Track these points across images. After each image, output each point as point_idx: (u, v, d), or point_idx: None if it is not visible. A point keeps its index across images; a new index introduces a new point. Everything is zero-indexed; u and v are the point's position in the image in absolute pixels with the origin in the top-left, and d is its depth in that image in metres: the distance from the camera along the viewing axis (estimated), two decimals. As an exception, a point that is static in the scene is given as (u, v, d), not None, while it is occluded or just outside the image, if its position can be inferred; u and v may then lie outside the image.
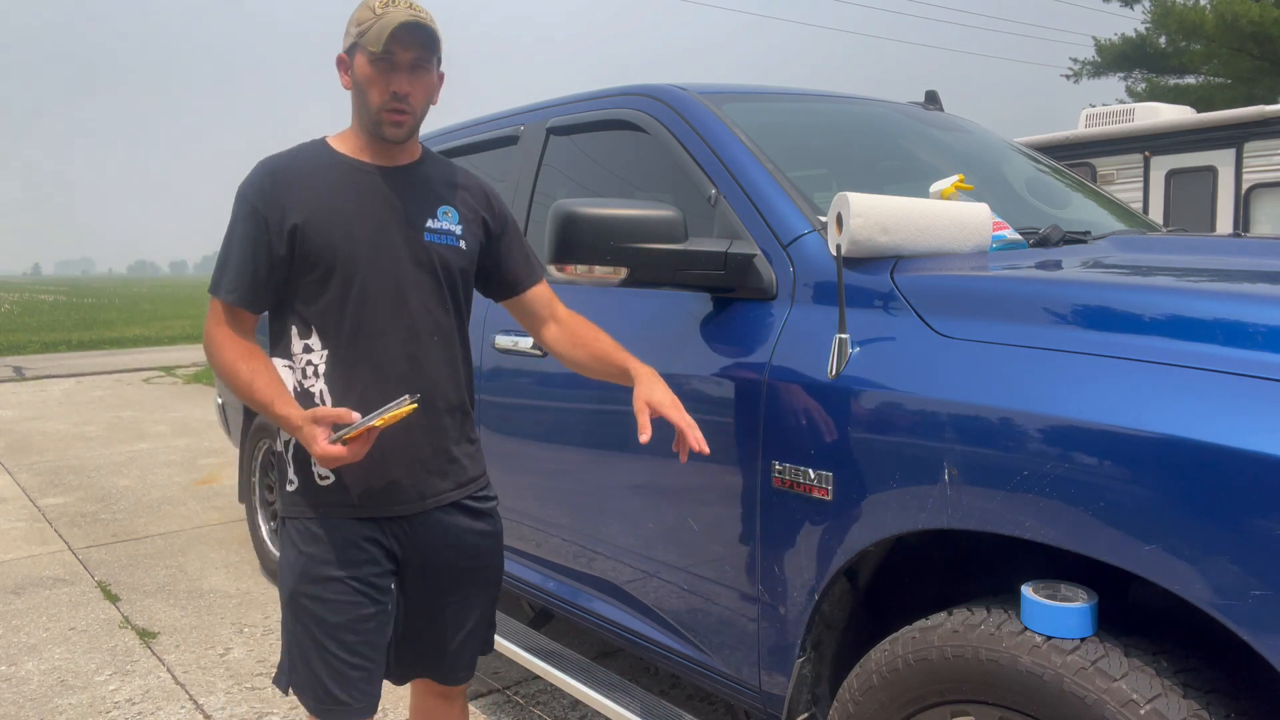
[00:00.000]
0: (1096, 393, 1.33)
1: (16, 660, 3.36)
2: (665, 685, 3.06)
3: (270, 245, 1.70)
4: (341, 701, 1.75)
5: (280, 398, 1.68)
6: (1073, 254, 1.97)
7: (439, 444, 1.81)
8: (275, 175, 1.72)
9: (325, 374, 1.74)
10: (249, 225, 1.71)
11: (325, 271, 1.71)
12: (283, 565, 1.79)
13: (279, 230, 1.70)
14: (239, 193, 1.74)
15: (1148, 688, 1.26)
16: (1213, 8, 16.84)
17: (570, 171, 2.68)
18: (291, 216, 1.70)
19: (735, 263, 1.94)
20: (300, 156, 1.76)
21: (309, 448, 1.63)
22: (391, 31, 1.64)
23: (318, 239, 1.70)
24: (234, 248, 1.73)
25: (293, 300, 1.75)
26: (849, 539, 1.64)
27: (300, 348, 1.75)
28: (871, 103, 2.85)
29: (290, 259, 1.72)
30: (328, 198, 1.72)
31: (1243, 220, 6.79)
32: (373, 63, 1.68)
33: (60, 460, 6.79)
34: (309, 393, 1.75)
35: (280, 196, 1.70)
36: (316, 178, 1.73)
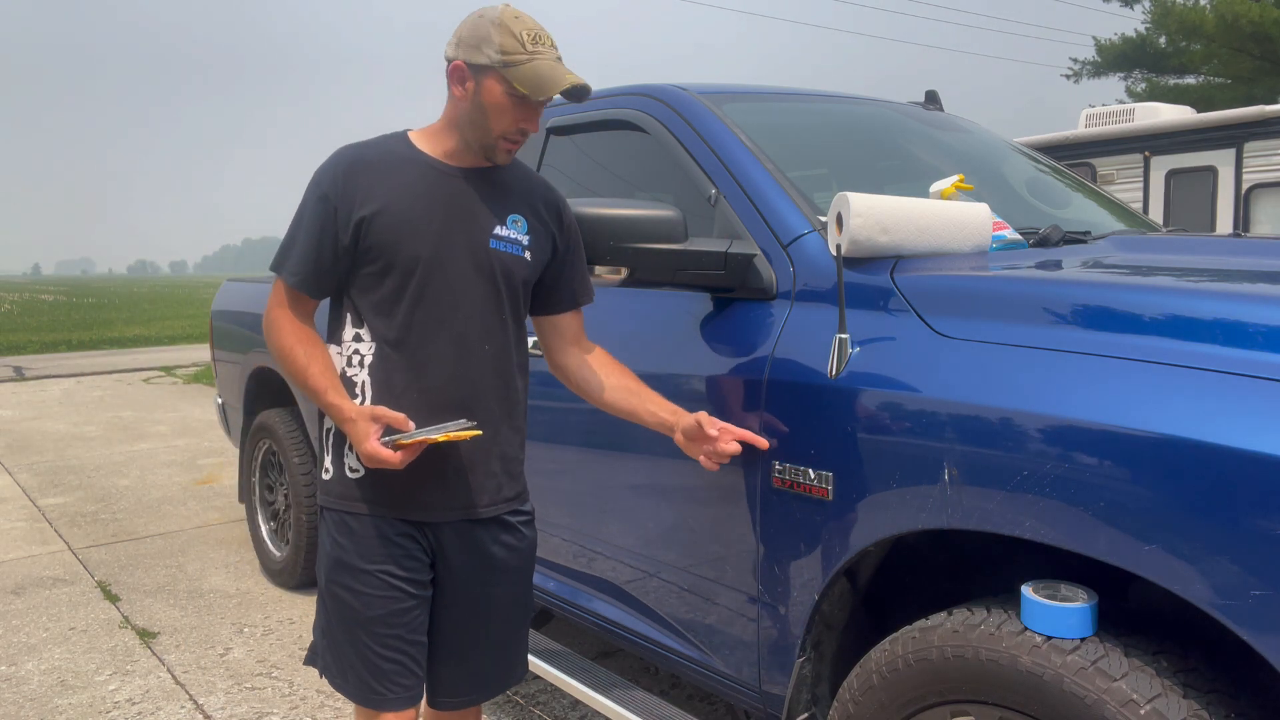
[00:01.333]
0: (1096, 393, 1.33)
1: (16, 660, 3.36)
2: (665, 685, 3.06)
3: (336, 234, 1.71)
4: (377, 692, 1.75)
5: (334, 387, 1.70)
6: (1073, 254, 1.97)
7: (473, 456, 1.77)
8: (351, 165, 1.73)
9: (370, 366, 1.74)
10: (318, 211, 1.72)
11: (384, 267, 1.71)
12: (319, 553, 1.80)
13: (346, 220, 1.71)
14: (315, 176, 1.75)
15: (1148, 688, 1.26)
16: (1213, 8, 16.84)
17: (570, 171, 2.68)
18: (360, 209, 1.70)
19: (735, 263, 1.94)
20: (379, 149, 1.76)
21: (357, 444, 1.65)
22: (562, 90, 1.66)
23: (381, 234, 1.70)
24: (301, 231, 1.74)
25: (351, 289, 1.76)
26: (849, 539, 1.64)
27: (351, 336, 1.76)
28: (871, 103, 2.85)
29: (353, 250, 1.72)
30: (398, 195, 1.72)
31: (1243, 220, 6.79)
32: (511, 96, 1.66)
33: (60, 460, 6.79)
34: (350, 381, 1.75)
35: (352, 187, 1.71)
36: (391, 173, 1.73)
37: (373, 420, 1.64)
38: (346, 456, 1.76)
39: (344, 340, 1.76)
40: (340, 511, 1.76)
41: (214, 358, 4.75)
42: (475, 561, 1.81)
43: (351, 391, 1.74)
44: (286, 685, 3.13)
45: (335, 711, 2.93)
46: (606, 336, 2.25)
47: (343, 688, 1.79)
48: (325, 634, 1.80)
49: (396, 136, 1.80)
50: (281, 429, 3.93)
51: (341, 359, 1.76)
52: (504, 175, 1.82)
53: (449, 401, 1.73)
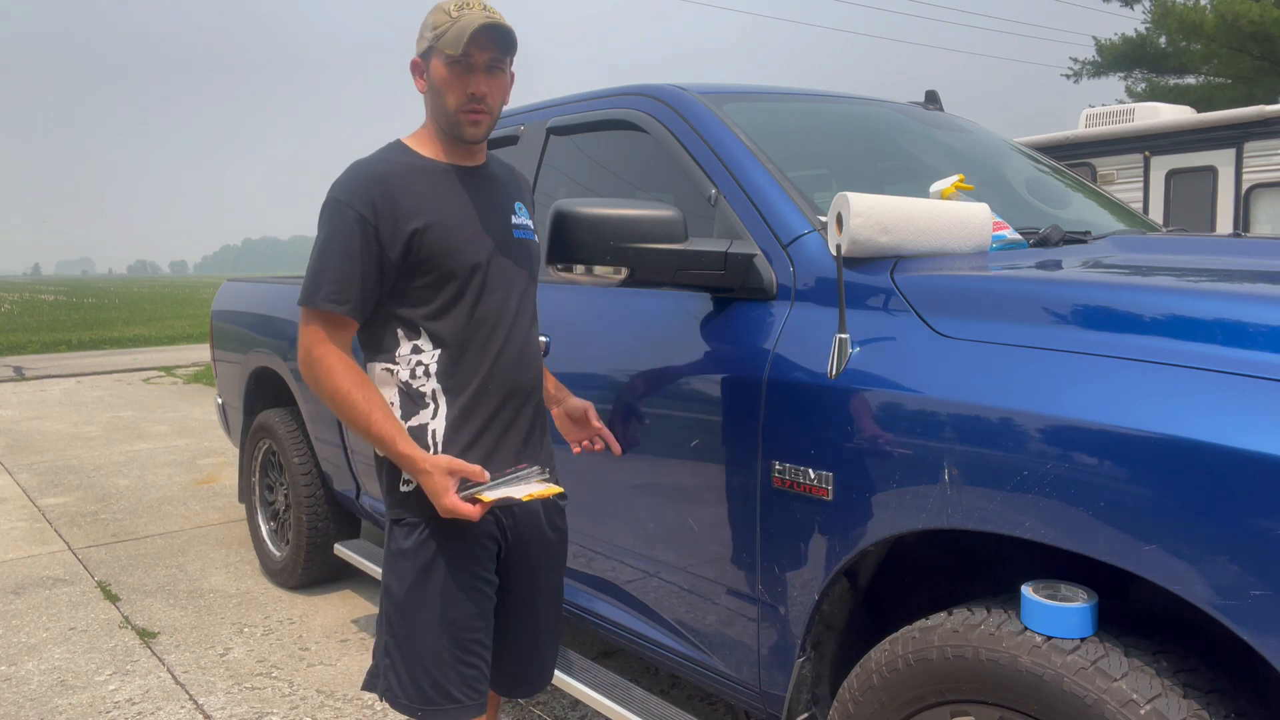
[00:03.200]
0: (1096, 393, 1.33)
1: (16, 660, 3.36)
2: (665, 685, 3.06)
3: (381, 254, 1.69)
4: (456, 700, 1.75)
5: (401, 434, 1.69)
6: (1073, 254, 1.97)
7: (538, 434, 1.88)
8: (380, 183, 1.71)
9: (438, 373, 1.75)
10: (356, 234, 1.68)
11: (442, 275, 1.73)
12: (395, 567, 1.77)
13: (392, 237, 1.69)
14: (336, 201, 1.70)
15: (1148, 688, 1.26)
16: (1213, 8, 16.84)
17: (570, 171, 2.68)
18: (408, 223, 1.70)
19: (735, 263, 1.94)
20: (394, 162, 1.76)
21: (434, 497, 1.66)
22: (471, 34, 1.66)
23: (435, 245, 1.71)
24: (336, 257, 1.69)
25: (397, 304, 1.75)
26: (849, 539, 1.64)
27: (408, 349, 1.76)
28: (871, 103, 2.85)
29: (403, 264, 1.71)
30: (438, 203, 1.74)
31: (1243, 220, 6.79)
32: (450, 65, 1.70)
33: (60, 460, 6.79)
34: (419, 393, 1.76)
35: (391, 203, 1.70)
36: (420, 183, 1.74)
37: (450, 474, 1.66)
38: None
39: (400, 355, 1.76)
40: (428, 520, 1.75)
41: (214, 358, 4.75)
42: (541, 544, 1.89)
43: (422, 402, 1.75)
44: (286, 685, 3.13)
45: (335, 712, 2.93)
46: (607, 337, 2.25)
47: (413, 705, 1.76)
48: (396, 650, 1.77)
49: (398, 147, 1.80)
50: (281, 429, 3.93)
51: (402, 373, 1.76)
52: (495, 169, 1.89)
53: (522, 394, 1.82)
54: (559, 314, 2.43)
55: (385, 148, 1.82)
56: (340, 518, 3.89)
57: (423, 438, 1.75)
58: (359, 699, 3.02)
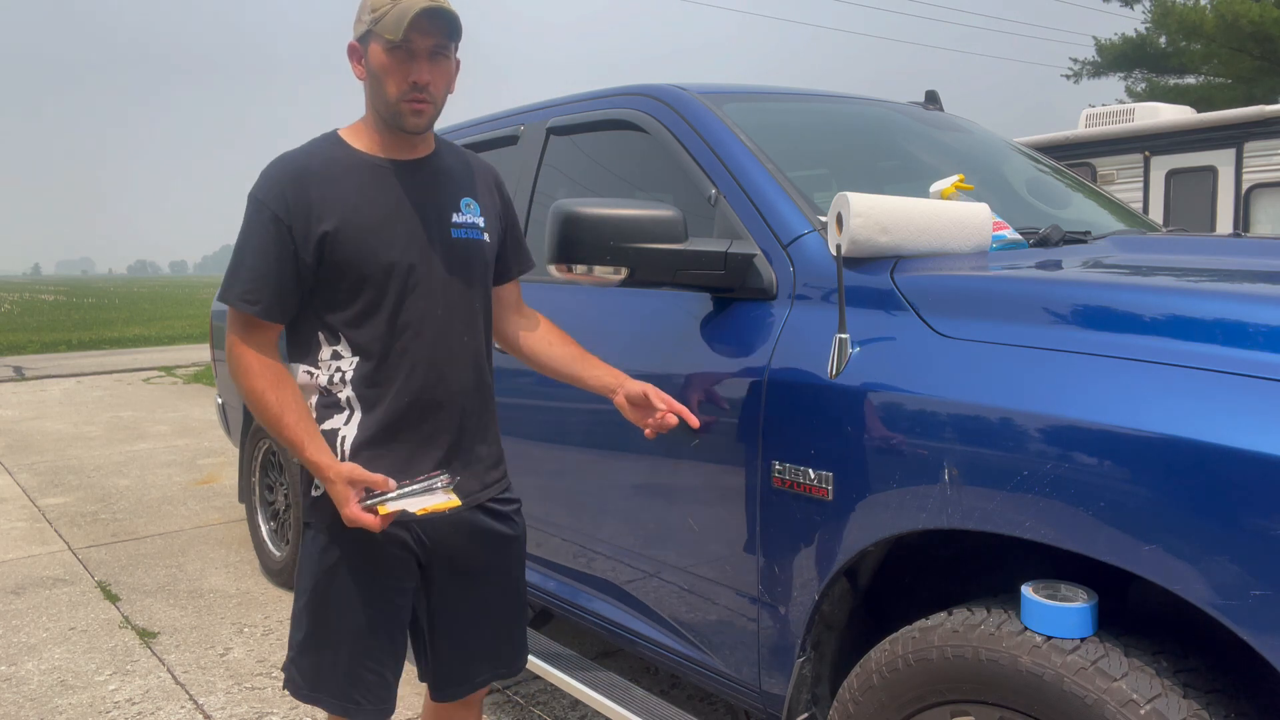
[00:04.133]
0: (1096, 393, 1.33)
1: (16, 660, 3.36)
2: (665, 685, 3.06)
3: (296, 255, 1.63)
4: (355, 702, 1.74)
5: (312, 440, 1.64)
6: (1073, 254, 1.97)
7: (466, 444, 1.78)
8: (298, 180, 1.63)
9: (354, 381, 1.69)
10: (269, 233, 1.62)
11: (358, 280, 1.65)
12: (302, 569, 1.76)
13: (305, 239, 1.62)
14: (254, 197, 1.65)
15: (1148, 688, 1.26)
16: (1213, 8, 16.84)
17: (570, 171, 2.68)
18: (321, 224, 1.62)
19: (735, 263, 1.94)
20: (318, 155, 1.68)
21: (338, 505, 1.61)
22: (411, 19, 1.56)
23: (350, 247, 1.63)
24: (251, 256, 1.64)
25: (318, 307, 1.68)
26: (849, 539, 1.64)
27: (328, 354, 1.70)
28: (871, 103, 2.85)
29: (318, 267, 1.64)
30: (358, 202, 1.65)
31: (1243, 220, 6.79)
32: (390, 51, 1.61)
33: (60, 460, 6.79)
34: (335, 399, 1.70)
35: (305, 203, 1.62)
36: (342, 180, 1.66)
37: (351, 484, 1.60)
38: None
39: (321, 360, 1.70)
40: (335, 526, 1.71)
41: (214, 358, 4.75)
42: (470, 550, 1.81)
43: (337, 407, 1.70)
44: (286, 685, 3.13)
45: (335, 711, 2.93)
46: (607, 336, 2.25)
47: (313, 697, 1.76)
48: (304, 648, 1.76)
49: (330, 139, 1.72)
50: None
51: (321, 378, 1.70)
52: (445, 160, 1.79)
53: (436, 401, 1.72)
54: (559, 314, 2.43)
55: (317, 139, 1.72)
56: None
57: (333, 443, 1.69)
58: (359, 699, 3.02)
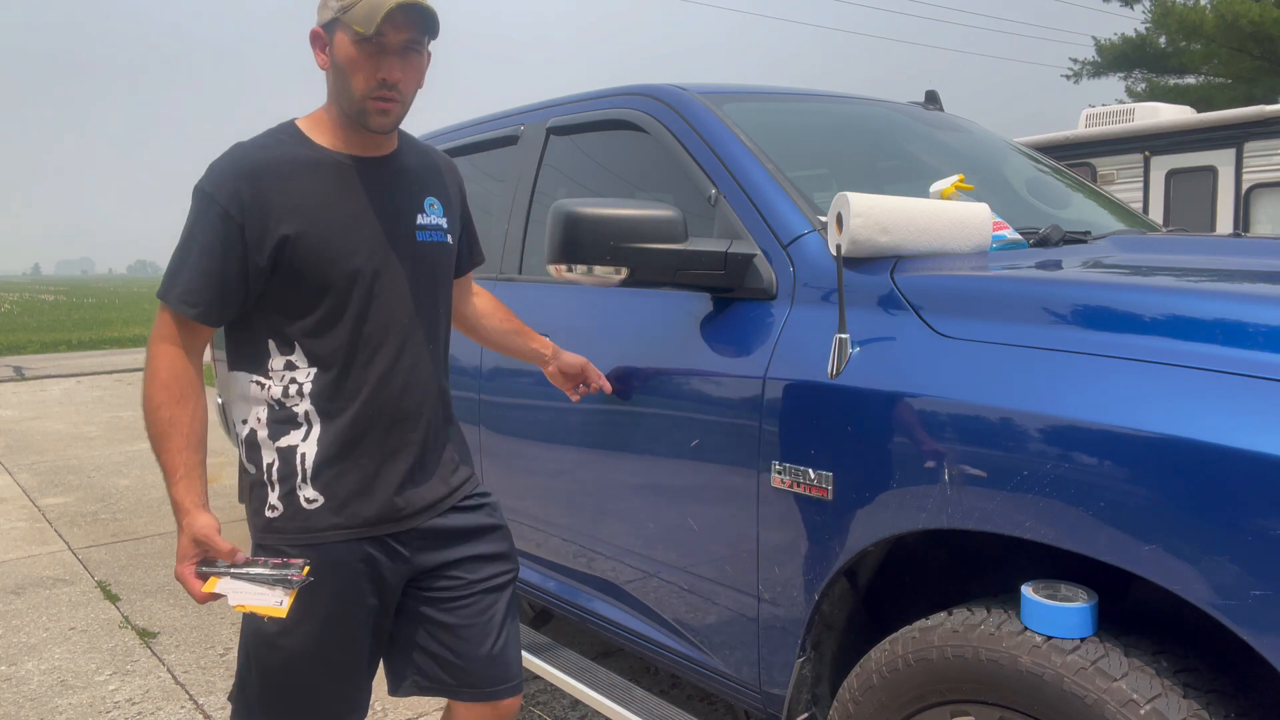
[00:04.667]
0: (1096, 393, 1.33)
1: (16, 660, 3.36)
2: (665, 685, 3.06)
3: (246, 257, 1.50)
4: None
5: (189, 475, 1.53)
6: (1073, 254, 1.97)
7: (431, 453, 1.72)
8: (254, 176, 1.50)
9: (312, 393, 1.58)
10: (218, 232, 1.49)
11: (319, 288, 1.54)
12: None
13: (259, 241, 1.50)
14: (202, 191, 1.51)
15: (1148, 688, 1.26)
16: (1213, 8, 16.83)
17: (570, 171, 2.68)
18: (278, 226, 1.50)
19: (735, 263, 1.94)
20: (276, 150, 1.54)
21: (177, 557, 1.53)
22: (386, 13, 1.45)
23: (311, 253, 1.52)
24: (195, 254, 1.51)
25: (269, 313, 1.56)
26: (849, 539, 1.64)
27: (281, 364, 1.58)
28: (871, 103, 2.85)
29: (272, 272, 1.53)
30: (319, 204, 1.54)
31: (1243, 220, 6.79)
32: (358, 44, 1.48)
33: (60, 460, 6.79)
34: (292, 413, 1.58)
35: (262, 201, 1.50)
36: (302, 179, 1.53)
37: (195, 543, 1.52)
38: (301, 489, 1.59)
39: (272, 370, 1.58)
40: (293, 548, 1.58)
41: (214, 358, 4.75)
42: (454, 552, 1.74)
43: (294, 422, 1.58)
44: (286, 685, 3.13)
45: (335, 711, 2.93)
46: (607, 336, 2.25)
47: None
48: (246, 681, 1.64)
49: (288, 131, 1.58)
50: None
51: (274, 389, 1.58)
52: (407, 158, 1.69)
53: (401, 413, 1.64)
54: (559, 314, 2.43)
55: (274, 130, 1.59)
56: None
57: (291, 461, 1.57)
58: (359, 699, 3.02)
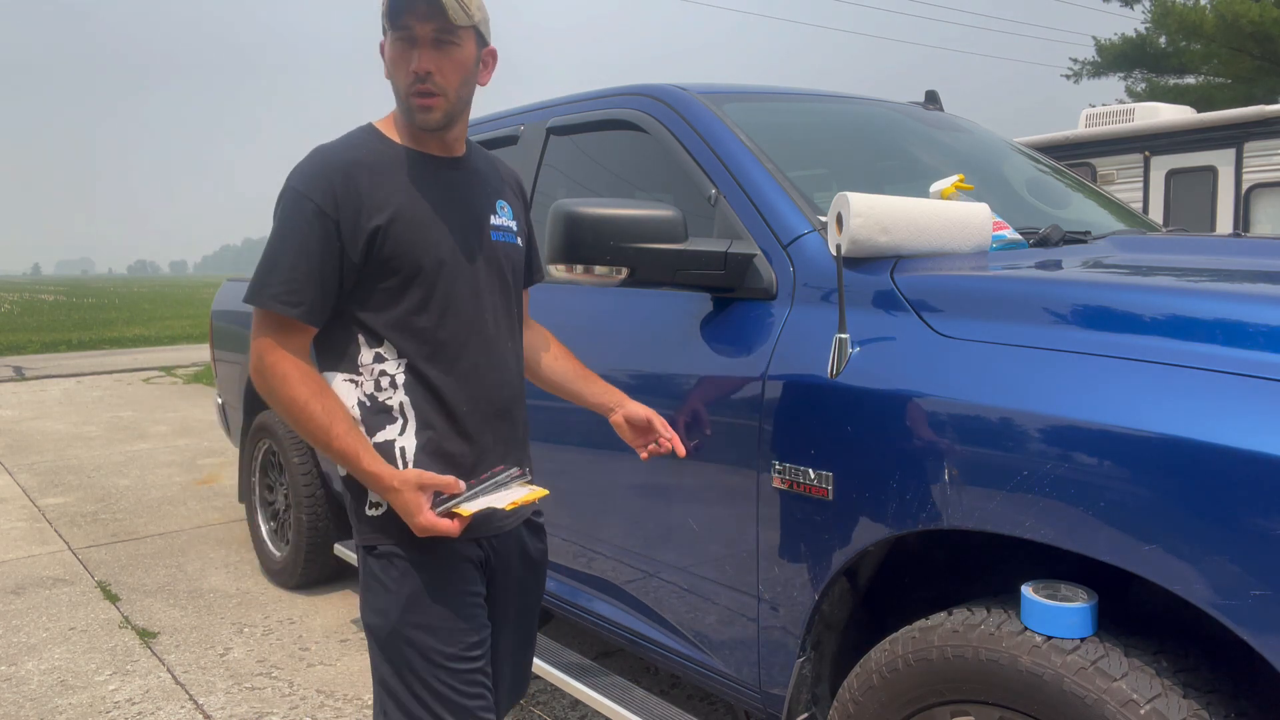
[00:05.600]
0: (1096, 393, 1.33)
1: (16, 660, 3.36)
2: (665, 685, 3.06)
3: (342, 251, 1.52)
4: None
5: (367, 450, 1.53)
6: (1073, 254, 1.97)
7: (521, 454, 1.73)
8: (345, 172, 1.52)
9: (405, 385, 1.58)
10: (314, 229, 1.50)
11: (406, 278, 1.56)
12: (374, 603, 1.59)
13: (354, 234, 1.52)
14: (294, 191, 1.52)
15: (1148, 688, 1.26)
16: (1213, 8, 16.84)
17: (570, 171, 2.68)
18: (370, 219, 1.52)
19: (735, 263, 1.94)
20: (361, 148, 1.57)
21: (407, 516, 1.50)
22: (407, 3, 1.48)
23: (401, 243, 1.54)
24: (291, 254, 1.51)
25: (357, 307, 1.58)
26: (849, 539, 1.64)
27: (370, 358, 1.58)
28: (871, 103, 2.85)
29: (364, 264, 1.54)
30: (407, 196, 1.56)
31: (1243, 220, 6.79)
32: (394, 41, 1.53)
33: (60, 460, 6.79)
34: (385, 407, 1.59)
35: (355, 196, 1.52)
36: (386, 174, 1.56)
37: (420, 489, 1.50)
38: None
39: (362, 364, 1.59)
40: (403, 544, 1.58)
41: (214, 358, 4.75)
42: (526, 564, 1.78)
43: (389, 416, 1.58)
44: (286, 685, 3.13)
45: (335, 711, 2.93)
46: (607, 336, 2.25)
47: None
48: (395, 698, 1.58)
49: (368, 131, 1.62)
50: (281, 429, 3.93)
51: (366, 385, 1.59)
52: (478, 161, 1.73)
53: (497, 409, 1.66)
54: (559, 314, 2.43)
55: (354, 131, 1.63)
56: (340, 518, 3.89)
57: (390, 455, 1.58)
58: (359, 699, 3.02)
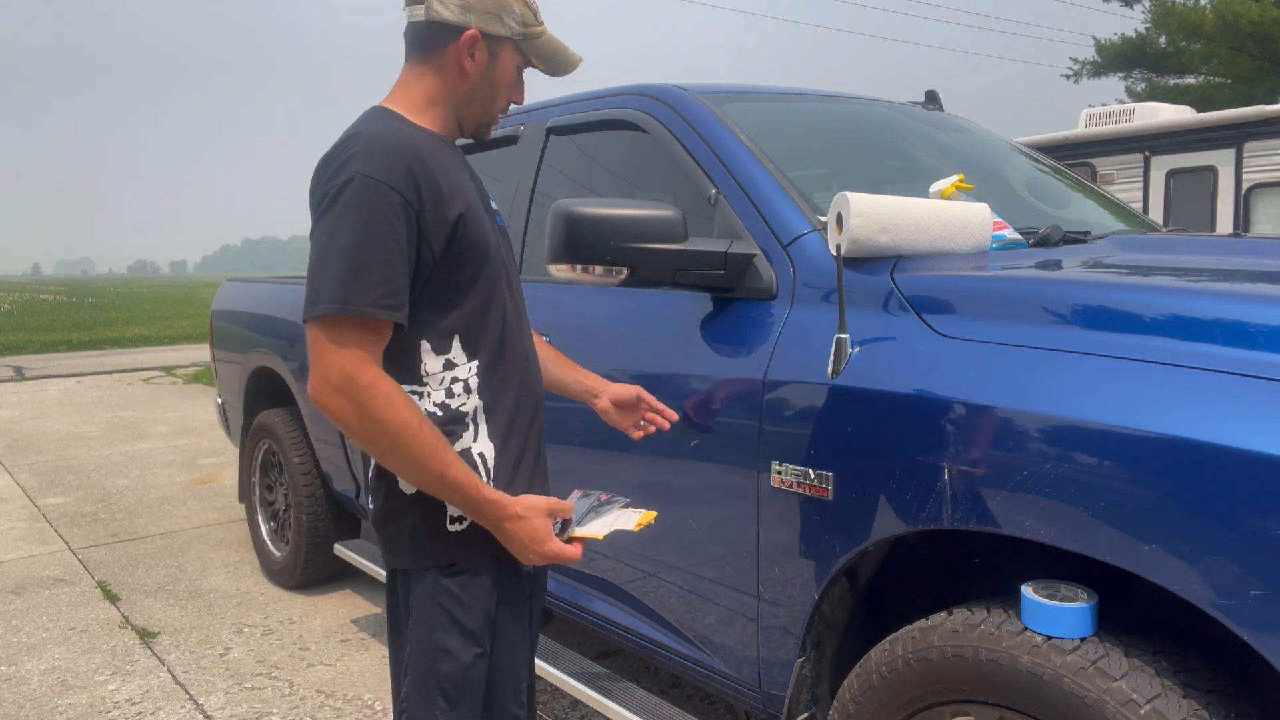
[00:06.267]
0: (1096, 393, 1.33)
1: (16, 660, 3.36)
2: (665, 685, 3.06)
3: (426, 244, 1.39)
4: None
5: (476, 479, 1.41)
6: (1073, 254, 1.97)
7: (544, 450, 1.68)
8: (419, 159, 1.38)
9: (479, 388, 1.48)
10: (400, 222, 1.35)
11: (475, 270, 1.46)
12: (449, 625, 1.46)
13: (437, 225, 1.39)
14: (372, 180, 1.34)
15: (1148, 688, 1.26)
16: (1213, 8, 16.84)
17: (570, 171, 2.68)
18: (450, 208, 1.40)
19: (735, 263, 1.94)
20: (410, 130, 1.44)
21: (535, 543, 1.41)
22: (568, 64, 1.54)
23: (473, 233, 1.44)
24: (380, 250, 1.33)
25: (424, 310, 1.44)
26: (849, 539, 1.64)
27: (439, 365, 1.45)
28: (871, 103, 2.85)
29: (440, 258, 1.42)
30: (468, 183, 1.49)
31: (1243, 220, 6.79)
32: (518, 69, 1.54)
33: (60, 460, 6.78)
34: (459, 414, 1.46)
35: (432, 186, 1.39)
36: (446, 159, 1.46)
37: (550, 515, 1.43)
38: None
39: (428, 373, 1.45)
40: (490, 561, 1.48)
41: (214, 358, 4.75)
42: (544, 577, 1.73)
43: (462, 423, 1.47)
44: (286, 685, 3.13)
45: (335, 711, 2.93)
46: (607, 336, 2.25)
47: None
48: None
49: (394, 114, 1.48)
50: (281, 429, 3.93)
51: (435, 394, 1.46)
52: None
53: (536, 403, 1.60)
54: (559, 314, 2.43)
55: (383, 115, 1.46)
56: (340, 518, 3.89)
57: (469, 464, 1.46)
58: (358, 699, 3.02)
